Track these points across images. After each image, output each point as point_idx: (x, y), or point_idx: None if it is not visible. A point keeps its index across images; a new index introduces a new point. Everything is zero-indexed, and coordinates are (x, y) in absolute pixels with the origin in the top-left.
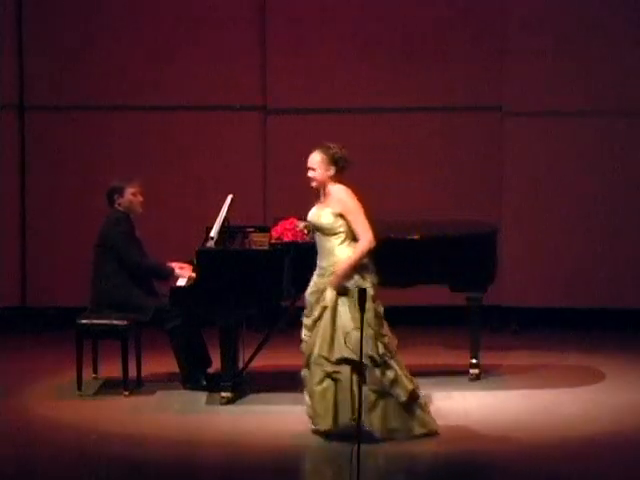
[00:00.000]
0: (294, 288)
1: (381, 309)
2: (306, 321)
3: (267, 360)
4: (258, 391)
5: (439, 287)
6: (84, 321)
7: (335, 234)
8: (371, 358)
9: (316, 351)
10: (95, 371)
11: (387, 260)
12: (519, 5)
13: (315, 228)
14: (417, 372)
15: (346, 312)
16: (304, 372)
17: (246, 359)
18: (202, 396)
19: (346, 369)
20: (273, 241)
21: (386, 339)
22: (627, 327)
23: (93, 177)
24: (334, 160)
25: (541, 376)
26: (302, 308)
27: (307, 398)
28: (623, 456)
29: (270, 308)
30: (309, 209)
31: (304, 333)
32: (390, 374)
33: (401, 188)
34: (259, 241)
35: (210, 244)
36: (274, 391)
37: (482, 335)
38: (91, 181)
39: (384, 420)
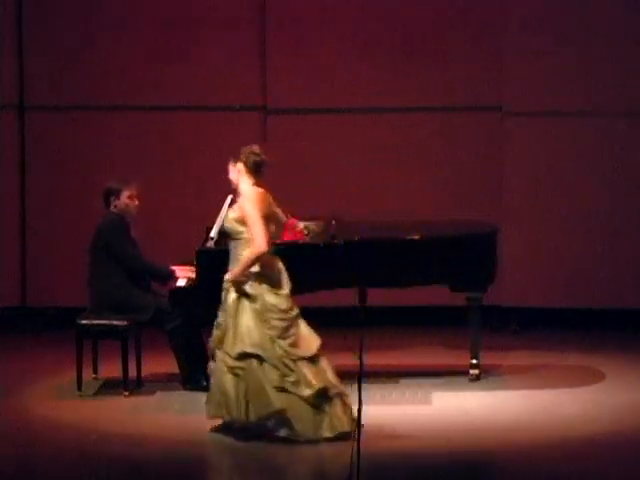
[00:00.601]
0: (294, 288)
1: (292, 313)
2: (219, 317)
3: None
4: None
5: (439, 287)
6: (84, 321)
7: (237, 239)
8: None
9: (222, 346)
10: (95, 371)
11: (388, 260)
12: (519, 5)
13: None
14: (417, 372)
15: (247, 312)
16: (211, 364)
17: None
18: (202, 396)
19: (249, 364)
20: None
21: (286, 342)
22: (627, 327)
23: (93, 177)
24: (240, 158)
25: (541, 376)
26: (301, 308)
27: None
28: (623, 456)
29: None
30: (309, 210)
31: (215, 331)
32: (290, 377)
33: (401, 188)
34: None
35: (210, 244)
36: None
37: (482, 335)
38: (91, 181)
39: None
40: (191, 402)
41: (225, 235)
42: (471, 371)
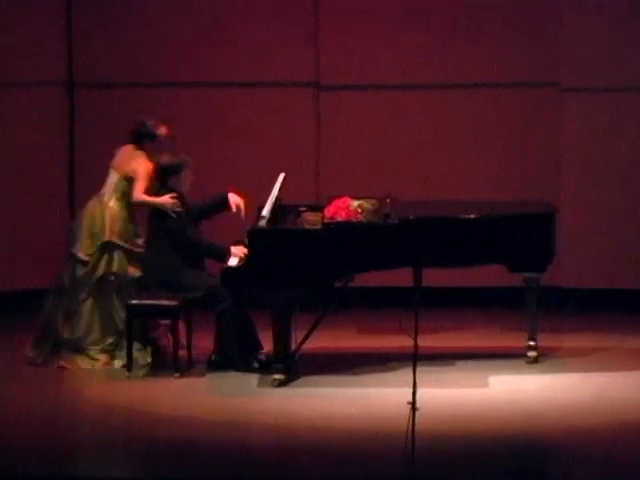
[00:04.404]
0: (348, 269)
1: None
2: None
3: (319, 342)
4: (310, 373)
5: (496, 267)
6: (134, 301)
7: None
8: None
9: None
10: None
11: (444, 240)
12: None
13: None
14: (473, 354)
15: None
16: None
17: (298, 341)
18: (254, 378)
19: None
20: (326, 220)
21: None
22: None
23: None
24: None
25: (600, 359)
26: (356, 289)
27: None
28: None
29: (323, 289)
30: (363, 187)
31: None
32: None
33: (457, 167)
34: (312, 220)
35: (262, 223)
36: (327, 373)
37: (540, 317)
38: None
39: None
40: (243, 384)
41: (277, 214)
42: (529, 353)
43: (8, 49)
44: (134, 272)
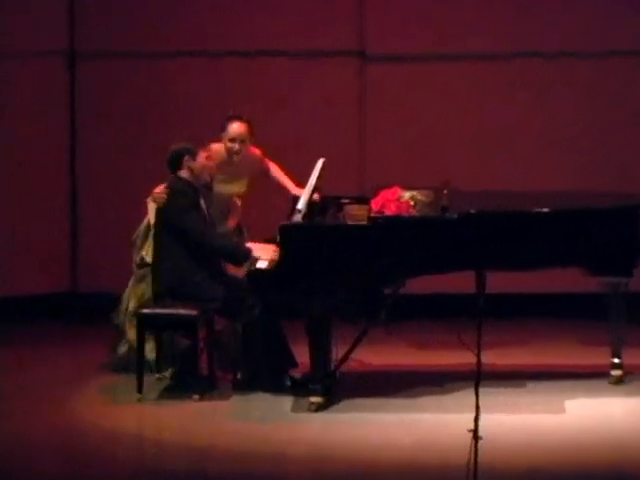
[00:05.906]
0: (398, 272)
1: None
2: None
3: (365, 358)
4: (354, 396)
5: (574, 270)
6: (146, 310)
7: None
8: None
9: None
10: (159, 370)
11: (512, 238)
12: None
13: None
14: (547, 374)
15: None
16: None
17: (340, 357)
18: (287, 401)
19: None
20: (373, 215)
21: None
22: None
23: (155, 134)
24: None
25: None
26: (407, 296)
27: None
28: None
29: (369, 295)
30: (415, 175)
31: None
32: None
33: (527, 150)
34: (356, 215)
35: (297, 218)
36: (373, 396)
37: (626, 329)
38: (152, 140)
39: None
40: (274, 408)
41: (315, 207)
42: (612, 372)
43: (3, 16)
44: None
